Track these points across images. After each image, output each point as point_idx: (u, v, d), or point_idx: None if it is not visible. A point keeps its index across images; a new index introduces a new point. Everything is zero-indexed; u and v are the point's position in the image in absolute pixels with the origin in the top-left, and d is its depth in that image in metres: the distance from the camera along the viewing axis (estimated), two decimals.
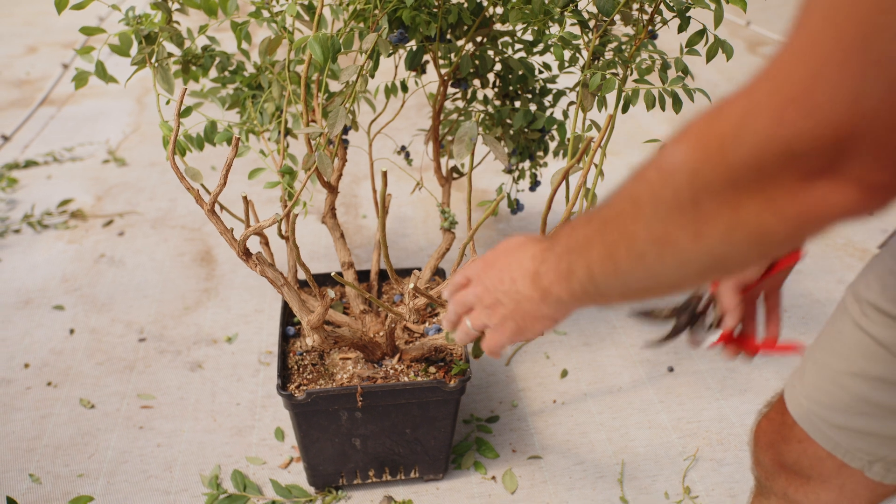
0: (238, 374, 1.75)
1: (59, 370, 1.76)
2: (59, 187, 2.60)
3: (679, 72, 1.18)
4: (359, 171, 2.67)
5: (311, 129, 1.12)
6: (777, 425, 0.83)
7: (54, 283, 2.08)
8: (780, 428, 0.82)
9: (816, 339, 0.80)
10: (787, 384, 0.82)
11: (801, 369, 0.80)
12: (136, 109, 3.31)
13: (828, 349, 0.76)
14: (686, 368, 1.76)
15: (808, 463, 0.79)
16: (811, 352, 0.79)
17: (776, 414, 0.84)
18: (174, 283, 2.08)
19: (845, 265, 2.16)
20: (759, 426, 0.88)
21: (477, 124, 0.81)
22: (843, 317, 0.75)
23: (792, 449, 0.81)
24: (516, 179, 1.62)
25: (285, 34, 1.34)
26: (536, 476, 1.48)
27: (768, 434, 0.85)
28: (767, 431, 0.85)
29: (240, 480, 1.45)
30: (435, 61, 1.39)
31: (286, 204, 1.32)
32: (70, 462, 1.51)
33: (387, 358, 1.35)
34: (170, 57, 1.36)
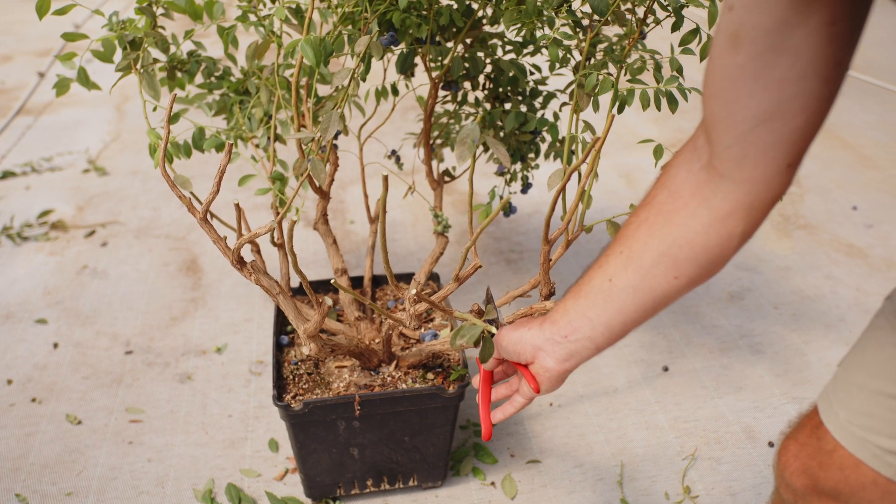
0: (229, 385, 1.71)
1: (43, 385, 1.71)
2: (39, 198, 2.54)
3: (673, 71, 1.18)
4: (345, 177, 2.64)
5: (304, 135, 1.10)
6: (812, 451, 0.79)
7: (36, 296, 2.03)
8: (815, 454, 0.79)
9: (854, 356, 0.77)
10: (823, 409, 0.79)
11: (843, 393, 0.77)
12: (115, 118, 3.25)
13: (872, 369, 0.73)
14: (681, 368, 1.76)
15: (850, 490, 0.76)
16: (851, 373, 0.76)
17: (809, 438, 0.80)
18: (160, 294, 2.04)
19: (832, 261, 2.17)
20: (787, 450, 0.84)
21: (479, 126, 0.79)
22: (884, 333, 0.73)
23: (831, 476, 0.77)
24: (508, 182, 1.61)
25: (273, 38, 1.31)
26: (536, 480, 1.46)
27: (801, 459, 0.81)
28: (799, 457, 0.81)
29: (234, 494, 1.42)
30: (426, 64, 1.38)
31: (277, 211, 1.30)
32: (58, 480, 1.47)
33: (383, 365, 1.33)
34: (155, 63, 1.33)
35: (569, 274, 2.11)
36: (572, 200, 1.14)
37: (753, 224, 0.66)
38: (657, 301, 0.72)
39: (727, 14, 0.57)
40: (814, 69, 0.55)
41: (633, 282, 0.72)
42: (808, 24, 0.53)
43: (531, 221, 2.39)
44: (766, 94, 0.57)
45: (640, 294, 0.72)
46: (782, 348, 1.82)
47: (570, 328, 0.77)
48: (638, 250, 0.71)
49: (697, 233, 0.67)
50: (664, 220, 0.70)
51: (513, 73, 1.40)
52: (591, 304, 0.75)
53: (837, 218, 2.41)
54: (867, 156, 2.85)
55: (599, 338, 0.76)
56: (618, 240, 0.75)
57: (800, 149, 0.61)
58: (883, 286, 2.05)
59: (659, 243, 0.70)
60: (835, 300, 2.00)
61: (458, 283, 1.09)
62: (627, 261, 0.72)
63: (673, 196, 0.70)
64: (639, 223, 0.72)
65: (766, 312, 1.95)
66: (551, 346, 0.79)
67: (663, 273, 0.70)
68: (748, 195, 0.64)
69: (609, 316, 0.74)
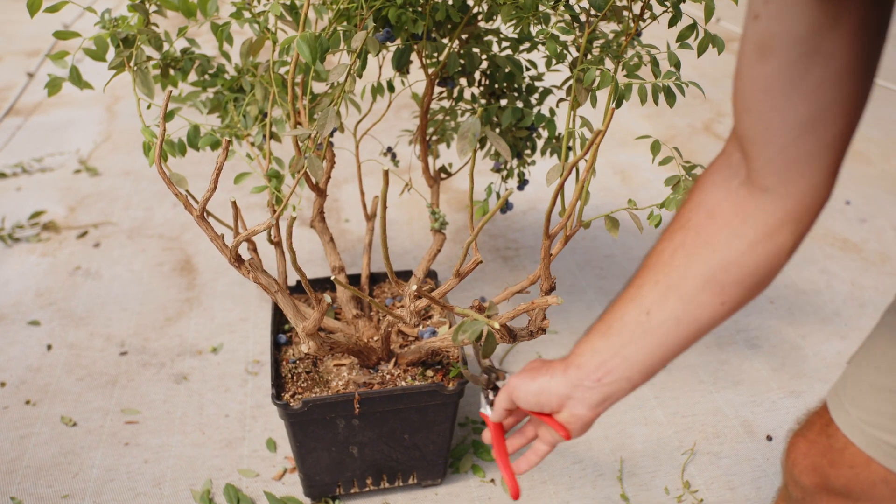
0: (225, 385, 1.70)
1: (37, 387, 1.70)
2: (30, 199, 2.52)
3: (671, 66, 1.18)
4: (339, 175, 2.63)
5: (300, 131, 1.09)
6: (822, 448, 0.79)
7: (28, 297, 2.01)
8: (826, 452, 0.78)
9: (864, 354, 0.76)
10: (833, 407, 0.78)
11: (854, 391, 0.76)
12: (106, 118, 3.23)
13: (883, 367, 0.73)
14: (678, 363, 1.76)
15: (860, 488, 0.76)
16: (862, 371, 0.75)
17: (819, 436, 0.80)
18: (154, 294, 2.03)
19: (826, 255, 2.18)
20: (797, 448, 0.83)
21: (480, 120, 0.79)
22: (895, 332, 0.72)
23: (842, 474, 0.77)
24: (505, 178, 1.60)
25: (268, 35, 1.30)
26: (536, 477, 1.46)
27: (810, 457, 0.80)
28: (809, 455, 0.81)
29: (233, 494, 1.41)
30: (422, 60, 1.37)
31: (274, 209, 1.29)
32: (53, 483, 1.46)
33: (382, 363, 1.32)
34: (149, 60, 1.32)
35: (564, 271, 2.11)
36: (571, 196, 1.14)
37: (801, 236, 0.63)
38: (700, 330, 0.67)
39: (753, 24, 0.55)
40: (849, 71, 0.54)
41: (676, 313, 0.66)
42: (839, 26, 0.52)
43: (526, 218, 2.39)
44: (805, 102, 0.56)
45: (683, 325, 0.67)
46: (778, 342, 1.83)
47: (603, 370, 0.70)
48: (678, 278, 0.66)
49: (743, 253, 0.63)
50: (704, 243, 0.65)
51: (509, 70, 1.40)
52: (626, 341, 0.69)
53: (831, 213, 2.42)
54: (860, 151, 2.86)
55: (637, 377, 0.70)
56: (649, 268, 0.69)
57: (842, 153, 0.59)
58: (878, 280, 2.06)
59: (703, 268, 0.65)
60: (830, 294, 2.00)
61: (459, 278, 1.08)
62: (667, 290, 0.67)
63: (712, 216, 0.65)
64: (674, 248, 0.67)
65: (761, 307, 1.96)
66: (582, 392, 0.72)
67: (709, 300, 0.65)
68: (797, 206, 0.61)
69: (648, 352, 0.68)
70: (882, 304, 1.96)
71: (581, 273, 2.10)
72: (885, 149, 2.88)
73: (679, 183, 1.15)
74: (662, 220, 1.15)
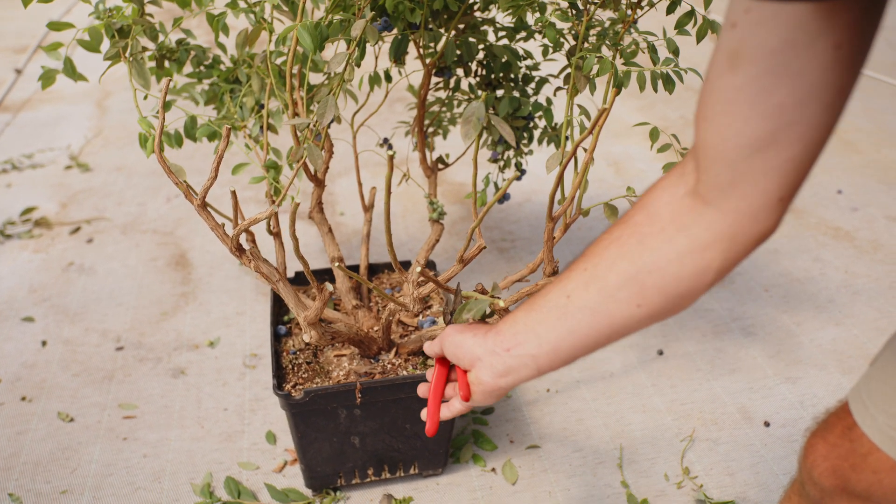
0: (223, 379, 1.70)
1: (32, 384, 1.68)
2: (21, 195, 2.49)
3: (670, 52, 1.18)
4: (333, 168, 2.63)
5: (299, 121, 1.09)
6: (844, 452, 0.78)
7: (22, 294, 1.99)
8: (848, 455, 0.78)
9: (890, 358, 0.75)
10: (857, 411, 0.78)
11: (879, 396, 0.75)
12: (96, 113, 3.20)
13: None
14: (675, 351, 1.77)
15: (882, 493, 0.76)
16: (888, 375, 0.74)
17: (841, 440, 0.79)
18: (149, 289, 2.02)
19: (820, 244, 2.20)
20: (816, 449, 0.82)
21: (484, 104, 0.79)
22: None
23: (864, 479, 0.77)
24: (502, 168, 1.61)
25: (265, 25, 1.30)
26: (536, 465, 1.47)
27: (831, 460, 0.80)
28: (830, 457, 0.80)
29: (233, 487, 1.41)
30: (418, 50, 1.37)
31: (273, 199, 1.28)
32: (52, 478, 1.45)
33: (383, 353, 1.32)
34: (144, 51, 1.30)
35: (560, 261, 2.10)
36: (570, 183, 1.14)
37: (732, 260, 0.61)
38: (613, 328, 0.67)
39: (729, 31, 0.53)
40: (815, 95, 0.52)
41: (592, 302, 0.66)
42: (814, 46, 0.50)
43: (522, 210, 2.39)
44: (763, 120, 0.54)
45: (596, 317, 0.67)
46: (774, 330, 1.84)
47: (514, 341, 0.72)
48: (603, 269, 0.66)
49: (671, 260, 0.62)
50: (637, 242, 0.65)
51: (506, 59, 1.40)
52: (542, 318, 0.70)
53: (823, 202, 2.44)
54: (850, 141, 2.89)
55: (543, 357, 0.70)
56: (584, 256, 0.69)
57: (793, 181, 0.57)
58: (870, 268, 2.08)
59: (628, 265, 0.64)
60: (824, 282, 2.02)
61: (463, 264, 1.08)
62: (591, 279, 0.67)
63: (651, 218, 0.65)
64: (609, 241, 0.67)
65: (756, 295, 1.97)
66: (490, 357, 0.73)
67: (626, 298, 0.65)
68: (732, 227, 0.59)
69: (558, 335, 0.69)
70: (875, 291, 1.98)
71: None
72: (875, 139, 2.91)
73: None
74: None
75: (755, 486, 1.41)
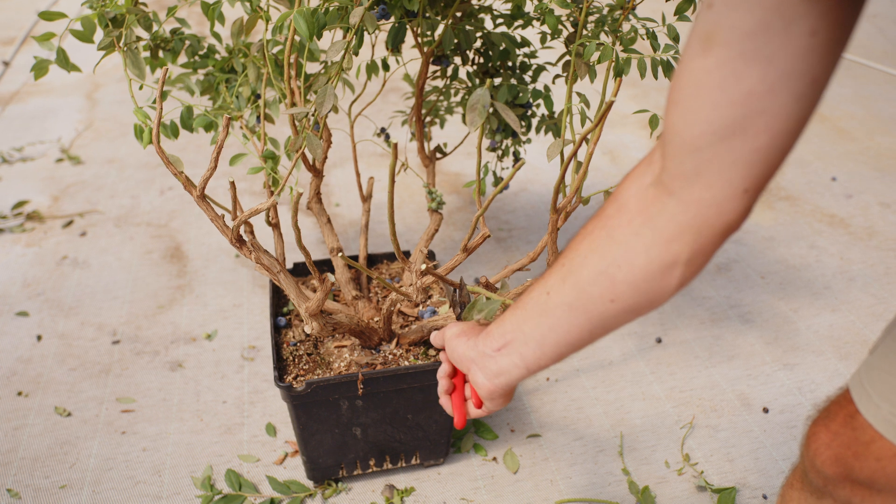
0: (222, 372, 1.69)
1: (28, 378, 1.67)
2: (12, 189, 2.47)
3: (670, 39, 1.18)
4: (328, 158, 2.61)
5: (298, 110, 1.08)
6: (847, 440, 0.78)
7: (15, 288, 1.98)
8: (850, 444, 0.78)
9: (891, 346, 0.75)
10: (859, 399, 0.77)
11: (882, 384, 0.75)
12: (86, 106, 3.17)
13: None
14: (674, 339, 1.77)
15: (886, 480, 0.76)
16: (891, 363, 0.74)
17: (843, 428, 0.79)
18: (144, 282, 2.00)
19: (815, 231, 2.21)
20: (818, 438, 0.82)
21: (489, 90, 0.78)
22: None
23: (867, 466, 0.76)
24: (500, 157, 1.60)
25: (261, 14, 1.28)
26: (537, 454, 1.47)
27: (834, 448, 0.80)
28: (832, 446, 0.80)
29: (234, 479, 1.40)
30: (416, 38, 1.36)
31: (271, 190, 1.27)
32: (50, 473, 1.44)
33: (384, 343, 1.31)
34: (139, 41, 1.29)
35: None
36: (571, 173, 1.14)
37: (701, 253, 0.59)
38: (593, 323, 0.66)
39: (705, 12, 0.51)
40: (786, 83, 0.50)
41: (569, 298, 0.65)
42: (789, 31, 0.48)
43: (518, 199, 2.39)
44: (731, 107, 0.52)
45: (574, 313, 0.66)
46: (771, 317, 1.85)
47: (502, 341, 0.71)
48: (577, 264, 0.65)
49: (638, 254, 0.61)
50: (606, 236, 0.63)
51: (504, 46, 1.39)
52: (526, 316, 0.69)
53: (818, 189, 2.45)
54: (844, 128, 2.89)
55: (530, 356, 0.69)
56: (564, 251, 0.68)
57: (760, 172, 0.54)
58: (865, 254, 2.09)
59: (598, 260, 0.63)
60: (820, 269, 2.03)
61: (467, 253, 1.07)
62: (567, 275, 0.66)
63: (619, 210, 0.63)
64: (584, 235, 0.66)
65: (753, 282, 1.98)
66: (482, 359, 0.73)
67: (599, 293, 0.64)
68: (696, 218, 0.57)
69: (542, 332, 0.68)
70: (870, 277, 1.99)
71: None
72: (868, 126, 2.92)
73: None
74: None
75: (755, 472, 1.42)
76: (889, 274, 2.01)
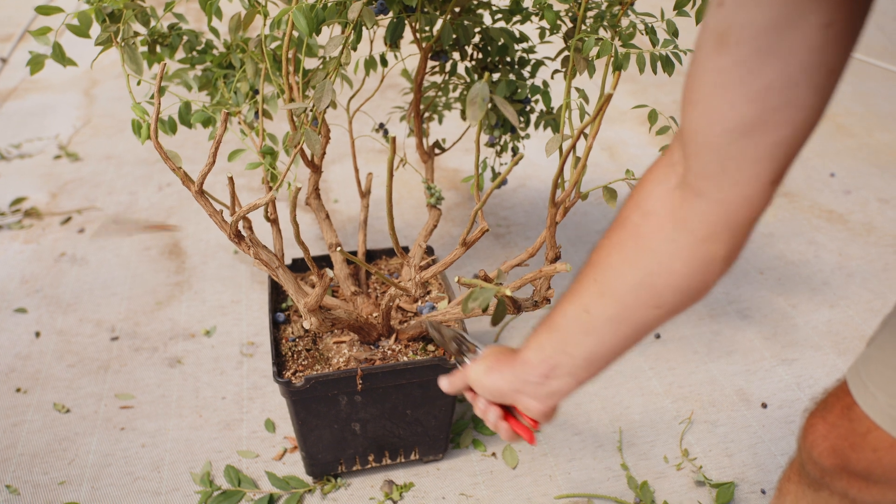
0: (220, 368, 1.69)
1: (27, 375, 1.67)
2: (10, 186, 2.46)
3: (669, 34, 1.17)
4: (326, 154, 2.60)
5: (296, 105, 1.08)
6: (844, 432, 0.79)
7: (13, 285, 1.97)
8: (847, 435, 0.78)
9: (889, 337, 0.75)
10: (856, 390, 0.78)
11: (879, 376, 0.75)
12: (84, 102, 3.16)
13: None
14: (672, 335, 1.78)
15: (882, 471, 0.76)
16: (887, 355, 0.75)
17: (840, 419, 0.79)
18: (143, 279, 2.00)
19: (813, 227, 2.21)
20: (815, 429, 0.83)
21: (487, 84, 0.78)
22: None
23: (864, 458, 0.77)
24: (499, 153, 1.60)
25: (259, 9, 1.28)
26: (536, 449, 1.47)
27: (831, 440, 0.80)
28: (829, 437, 0.81)
29: (233, 475, 1.40)
30: (415, 33, 1.36)
31: (270, 185, 1.27)
32: (49, 470, 1.44)
33: (382, 339, 1.31)
34: (136, 36, 1.28)
35: None
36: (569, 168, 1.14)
37: (736, 246, 0.60)
38: (638, 330, 0.66)
39: (716, 11, 0.51)
40: (804, 76, 0.50)
41: (611, 313, 0.66)
42: (803, 24, 0.48)
43: (516, 195, 2.39)
44: (749, 104, 0.52)
45: (619, 325, 0.66)
46: (770, 312, 1.85)
47: (547, 366, 0.71)
48: (612, 279, 0.65)
49: (675, 258, 0.61)
50: (639, 245, 0.63)
51: (502, 42, 1.39)
52: (567, 338, 0.69)
53: (816, 185, 2.45)
54: (842, 124, 2.89)
55: (581, 373, 0.70)
56: (590, 265, 0.68)
57: (784, 164, 0.55)
58: (864, 250, 2.09)
59: (635, 272, 0.63)
60: (818, 265, 2.03)
61: (466, 247, 1.07)
62: (603, 290, 0.66)
63: (646, 217, 0.63)
64: (611, 248, 0.66)
65: (752, 278, 1.98)
66: (531, 388, 0.74)
67: (643, 302, 0.64)
68: (727, 216, 0.58)
69: (588, 350, 0.68)
70: (869, 273, 1.99)
71: (573, 249, 2.11)
72: (868, 122, 2.92)
73: None
74: None
75: (753, 467, 1.42)
76: (887, 270, 2.01)
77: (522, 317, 1.84)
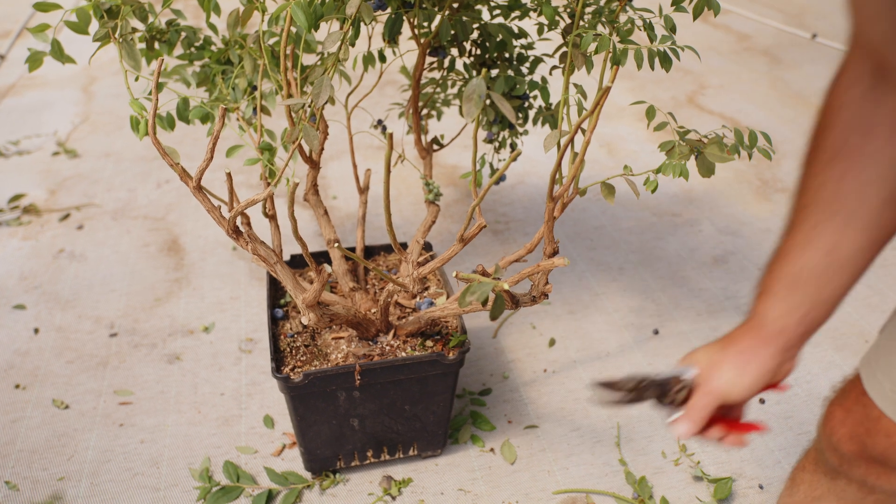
0: (219, 364, 1.69)
1: (26, 371, 1.67)
2: (8, 182, 2.46)
3: (667, 30, 1.17)
4: (325, 151, 2.61)
5: (295, 101, 1.08)
6: (859, 417, 0.79)
7: (12, 281, 1.97)
8: (863, 421, 0.79)
9: (893, 322, 0.76)
10: (866, 377, 0.79)
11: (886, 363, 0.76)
12: (82, 99, 3.16)
13: None
14: (670, 331, 1.78)
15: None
16: (894, 342, 0.76)
17: (855, 405, 0.80)
18: (142, 275, 2.00)
19: None
20: (834, 416, 0.84)
21: (485, 80, 0.78)
22: None
23: (879, 443, 0.78)
24: (497, 149, 1.60)
25: (257, 5, 1.28)
26: (534, 445, 1.47)
27: (847, 426, 0.81)
28: (846, 423, 0.82)
29: (232, 471, 1.40)
30: (413, 29, 1.36)
31: (268, 182, 1.27)
32: (48, 465, 1.44)
33: (381, 335, 1.31)
34: (134, 32, 1.28)
35: None
36: (567, 164, 1.14)
37: None
38: (882, 247, 0.66)
39: None
40: None
41: (861, 242, 0.65)
42: None
43: (515, 192, 2.39)
44: None
45: (870, 251, 0.66)
46: None
47: (805, 324, 0.71)
48: (854, 205, 0.63)
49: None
50: (871, 163, 0.62)
51: (501, 38, 1.39)
52: (821, 286, 0.68)
53: None
54: None
55: (830, 316, 0.71)
56: (814, 206, 0.66)
57: None
58: None
59: (879, 188, 0.62)
60: None
61: (464, 243, 1.08)
62: (846, 222, 0.64)
63: (869, 134, 0.61)
64: (839, 177, 0.64)
65: (749, 274, 1.98)
66: (790, 352, 0.74)
67: (894, 216, 0.63)
68: None
69: (841, 290, 0.68)
70: (871, 269, 1.99)
71: (571, 244, 2.11)
72: None
73: (674, 148, 1.15)
74: (659, 185, 1.15)
75: (751, 462, 1.43)
76: (885, 265, 2.01)
77: (521, 312, 1.84)
